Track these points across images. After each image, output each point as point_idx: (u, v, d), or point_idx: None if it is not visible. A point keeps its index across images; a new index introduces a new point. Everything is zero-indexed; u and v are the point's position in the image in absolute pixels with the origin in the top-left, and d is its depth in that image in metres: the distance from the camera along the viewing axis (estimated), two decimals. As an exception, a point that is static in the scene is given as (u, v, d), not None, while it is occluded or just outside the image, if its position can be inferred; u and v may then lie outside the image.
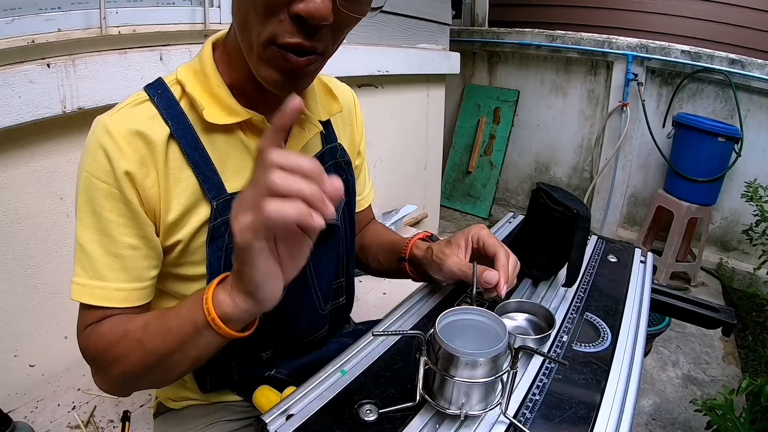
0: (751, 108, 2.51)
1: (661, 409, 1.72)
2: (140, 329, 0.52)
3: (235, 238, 0.41)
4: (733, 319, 0.85)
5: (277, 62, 0.49)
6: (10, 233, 1.09)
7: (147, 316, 0.54)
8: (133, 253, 0.55)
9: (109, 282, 0.55)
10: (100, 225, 0.54)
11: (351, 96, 0.78)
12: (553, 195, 0.76)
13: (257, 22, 0.47)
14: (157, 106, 0.56)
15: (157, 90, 0.57)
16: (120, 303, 0.55)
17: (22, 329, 1.15)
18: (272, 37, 0.47)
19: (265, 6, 0.45)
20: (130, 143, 0.53)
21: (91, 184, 0.53)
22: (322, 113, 0.67)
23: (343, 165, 0.72)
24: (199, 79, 0.57)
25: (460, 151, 3.56)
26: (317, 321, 0.73)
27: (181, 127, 0.56)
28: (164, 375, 0.54)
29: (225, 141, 0.59)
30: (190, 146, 0.56)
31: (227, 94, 0.57)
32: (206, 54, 0.58)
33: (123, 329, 0.53)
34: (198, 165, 0.56)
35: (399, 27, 2.19)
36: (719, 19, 2.68)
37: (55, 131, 1.11)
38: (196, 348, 0.49)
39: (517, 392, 0.53)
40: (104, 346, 0.53)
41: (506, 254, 0.67)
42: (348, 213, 0.74)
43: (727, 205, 2.68)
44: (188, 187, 0.57)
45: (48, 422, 1.10)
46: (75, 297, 0.55)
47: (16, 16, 1.00)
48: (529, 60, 3.22)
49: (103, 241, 0.54)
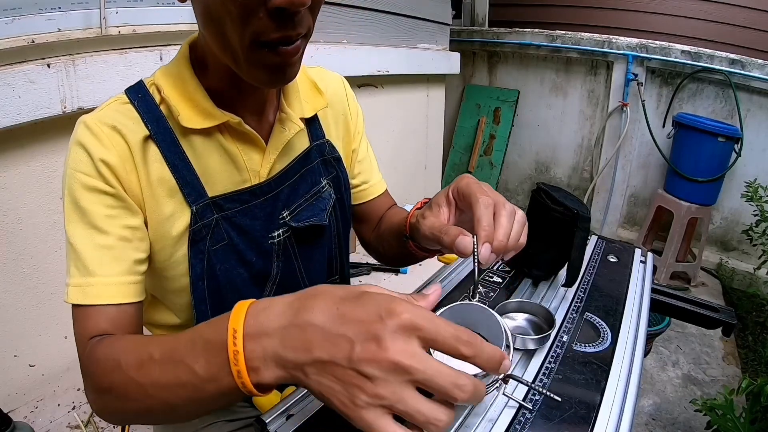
0: (751, 108, 2.51)
1: (661, 409, 1.72)
2: (135, 366, 0.43)
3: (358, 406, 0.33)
4: (733, 319, 0.85)
5: (268, 60, 0.48)
6: (10, 233, 1.09)
7: (141, 351, 0.44)
8: (122, 243, 0.53)
9: (99, 277, 0.52)
10: (86, 219, 0.53)
11: (341, 84, 0.76)
12: (553, 195, 0.76)
13: (236, 26, 0.45)
14: (138, 110, 0.55)
15: (137, 93, 0.57)
16: (112, 299, 0.52)
17: (22, 329, 1.15)
18: (256, 37, 0.46)
19: (241, 8, 0.44)
20: (110, 137, 0.53)
21: (74, 179, 0.53)
22: (306, 110, 0.66)
23: (332, 162, 0.70)
24: (175, 82, 0.56)
25: (460, 151, 3.56)
26: None
27: (161, 131, 0.55)
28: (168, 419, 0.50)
29: (204, 144, 0.58)
30: (170, 150, 0.56)
31: (204, 97, 0.56)
32: (182, 56, 0.57)
33: (115, 360, 0.45)
34: (177, 169, 0.56)
35: (399, 27, 2.19)
36: (719, 19, 2.68)
37: (55, 131, 1.11)
38: (216, 403, 0.41)
39: (518, 392, 0.53)
40: (101, 372, 0.46)
41: (488, 204, 0.51)
42: (340, 209, 0.72)
43: (727, 205, 2.68)
44: (169, 191, 0.57)
45: (48, 422, 1.10)
46: (68, 299, 0.53)
47: (16, 16, 1.00)
48: (529, 60, 3.22)
49: (90, 235, 0.53)
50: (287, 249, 0.65)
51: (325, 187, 0.69)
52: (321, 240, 0.69)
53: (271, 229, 0.63)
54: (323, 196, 0.68)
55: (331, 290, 0.38)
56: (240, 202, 0.60)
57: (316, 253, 0.69)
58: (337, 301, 0.36)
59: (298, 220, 0.65)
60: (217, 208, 0.59)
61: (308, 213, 0.66)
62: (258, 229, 0.62)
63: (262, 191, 0.62)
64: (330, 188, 0.70)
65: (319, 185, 0.68)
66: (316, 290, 0.38)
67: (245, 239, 0.62)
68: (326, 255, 0.72)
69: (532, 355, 0.60)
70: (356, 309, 0.35)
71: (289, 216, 0.64)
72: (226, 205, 0.59)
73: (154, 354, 0.42)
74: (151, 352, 0.42)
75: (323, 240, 0.70)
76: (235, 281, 0.62)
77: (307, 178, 0.67)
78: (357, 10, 1.96)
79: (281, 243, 0.64)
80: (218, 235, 0.59)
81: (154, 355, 0.42)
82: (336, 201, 0.71)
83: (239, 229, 0.61)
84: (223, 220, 0.59)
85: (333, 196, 0.70)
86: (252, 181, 0.61)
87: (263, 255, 0.64)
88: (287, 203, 0.64)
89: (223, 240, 0.60)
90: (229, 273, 0.61)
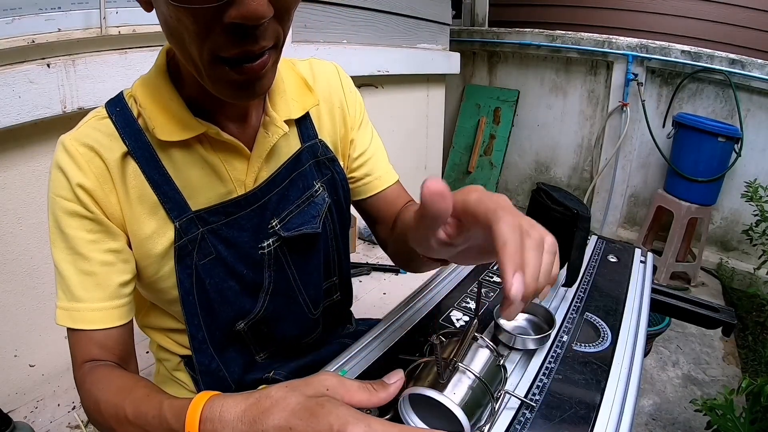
0: (751, 108, 2.51)
1: (661, 409, 1.72)
2: (111, 417, 0.48)
3: None
4: (733, 319, 0.85)
5: (230, 77, 0.45)
6: (10, 233, 1.09)
7: (118, 404, 0.47)
8: (105, 269, 0.54)
9: (85, 303, 0.53)
10: (68, 244, 0.53)
11: (335, 73, 0.71)
12: (553, 195, 0.76)
13: (193, 41, 0.42)
14: (116, 124, 0.54)
15: (116, 107, 0.55)
16: (98, 324, 0.53)
17: (22, 329, 1.15)
18: (215, 53, 0.43)
19: (196, 24, 0.41)
20: (87, 159, 0.52)
21: (56, 204, 0.53)
22: (294, 110, 0.62)
23: (327, 162, 0.67)
24: (152, 92, 0.54)
25: (460, 151, 3.56)
26: (308, 326, 0.71)
27: (139, 146, 0.54)
28: None
29: (183, 157, 0.55)
30: (149, 165, 0.54)
31: (180, 106, 0.53)
32: (158, 65, 0.55)
33: (96, 403, 0.50)
34: (158, 185, 0.55)
35: (399, 27, 2.19)
36: (719, 19, 2.68)
37: (55, 131, 1.11)
38: None
39: (518, 392, 0.53)
40: (86, 404, 0.52)
41: (513, 226, 0.37)
42: (337, 212, 0.69)
43: (727, 205, 2.68)
44: (150, 208, 0.55)
45: (48, 422, 1.10)
46: (58, 321, 0.54)
47: (16, 16, 1.00)
48: (529, 60, 3.22)
49: (74, 260, 0.53)
50: (279, 258, 0.63)
51: (319, 191, 0.66)
52: (315, 246, 0.67)
53: (261, 239, 0.61)
54: (316, 201, 0.65)
55: (284, 401, 0.38)
56: (225, 214, 0.58)
57: (310, 259, 0.67)
58: (289, 415, 0.37)
59: (288, 228, 0.62)
60: (201, 222, 0.57)
61: (299, 220, 0.64)
62: (246, 240, 0.60)
63: (248, 202, 0.59)
64: (324, 191, 0.67)
65: (312, 189, 0.65)
66: (270, 398, 0.39)
67: (233, 252, 0.60)
68: (322, 259, 0.69)
69: (532, 355, 0.60)
70: (309, 426, 0.36)
71: (279, 224, 0.62)
72: (210, 218, 0.57)
73: (128, 413, 0.46)
74: (126, 411, 0.46)
75: (317, 245, 0.67)
76: (226, 294, 0.61)
77: (297, 183, 0.64)
78: (357, 10, 1.96)
79: (272, 253, 0.62)
80: (205, 249, 0.57)
81: (128, 414, 0.46)
82: (332, 203, 0.68)
83: (226, 241, 0.59)
84: (209, 233, 0.58)
85: (327, 199, 0.67)
86: (237, 192, 0.59)
87: (254, 266, 0.62)
88: (276, 211, 0.62)
89: (211, 254, 0.58)
90: (219, 286, 0.60)
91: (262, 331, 0.66)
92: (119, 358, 0.56)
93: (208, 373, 0.63)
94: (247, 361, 0.69)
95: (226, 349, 0.65)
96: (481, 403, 0.45)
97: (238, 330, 0.64)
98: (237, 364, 0.67)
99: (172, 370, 0.72)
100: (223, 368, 0.65)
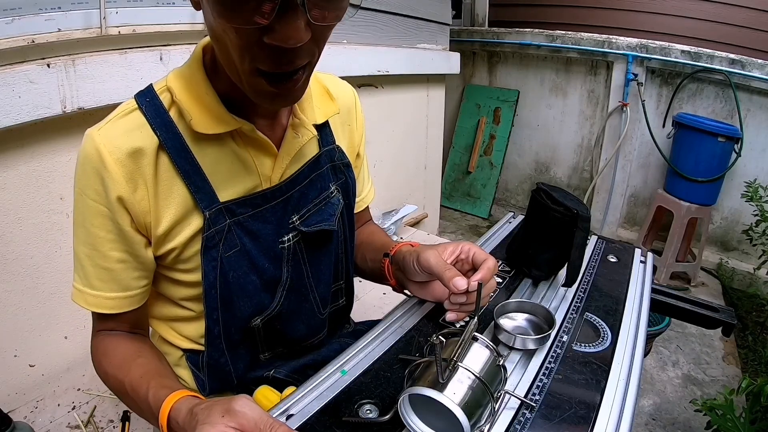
0: (751, 108, 2.51)
1: (661, 409, 1.72)
2: (115, 387, 0.59)
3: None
4: (733, 319, 0.85)
5: (267, 88, 0.49)
6: (10, 233, 1.09)
7: (120, 377, 0.57)
8: (121, 266, 0.57)
9: (99, 291, 0.58)
10: (89, 240, 0.56)
11: (352, 95, 0.77)
12: (552, 195, 0.76)
13: (236, 50, 0.46)
14: (146, 116, 0.55)
15: (146, 98, 0.56)
16: (111, 310, 0.59)
17: (22, 329, 1.15)
18: (255, 67, 0.47)
19: (237, 38, 0.44)
20: (119, 161, 0.53)
21: (83, 201, 0.55)
22: (318, 116, 0.66)
23: (342, 167, 0.71)
24: (188, 86, 0.56)
25: (460, 151, 3.56)
26: (316, 325, 0.72)
27: (170, 137, 0.55)
28: None
29: (215, 150, 0.58)
30: (180, 156, 0.55)
31: (216, 102, 0.55)
32: (195, 59, 0.57)
33: (104, 373, 0.60)
34: (189, 175, 0.56)
35: (399, 27, 2.19)
36: (719, 19, 2.68)
37: (55, 131, 1.11)
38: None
39: (518, 392, 0.53)
40: (97, 368, 0.61)
41: (495, 264, 0.66)
42: (347, 216, 0.73)
43: (727, 205, 2.68)
44: (180, 198, 0.56)
45: (48, 422, 1.10)
46: (74, 299, 0.59)
47: (16, 16, 1.00)
48: (529, 60, 3.22)
49: (92, 255, 0.57)
50: (296, 254, 0.66)
51: (334, 193, 0.69)
52: (329, 245, 0.69)
53: (282, 233, 0.64)
54: (332, 202, 0.69)
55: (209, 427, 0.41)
56: (252, 206, 0.60)
57: (323, 257, 0.69)
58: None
59: (307, 224, 0.65)
60: (229, 213, 0.59)
61: (317, 218, 0.66)
62: (269, 233, 0.63)
63: (273, 195, 0.62)
64: (338, 194, 0.70)
65: (328, 191, 0.68)
66: (207, 418, 0.42)
67: (257, 245, 0.62)
68: (333, 260, 0.72)
69: (532, 355, 0.60)
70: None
71: (299, 221, 0.65)
72: (238, 209, 0.59)
73: (126, 387, 0.55)
74: (125, 385, 0.56)
75: (331, 245, 0.70)
76: (247, 288, 0.62)
77: (316, 184, 0.67)
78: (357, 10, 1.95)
79: (291, 248, 0.64)
80: (231, 241, 0.59)
81: (126, 387, 0.55)
82: (344, 207, 0.71)
83: (251, 234, 0.61)
84: (236, 225, 0.59)
85: (341, 201, 0.70)
86: (263, 186, 0.61)
87: (274, 260, 0.64)
88: (297, 207, 0.65)
89: (236, 246, 0.60)
90: (241, 279, 0.62)
91: (275, 328, 0.68)
92: (132, 327, 0.63)
93: (216, 366, 0.66)
94: (252, 359, 0.70)
95: (238, 346, 0.67)
96: (480, 403, 0.45)
97: (253, 327, 0.66)
98: (244, 361, 0.69)
99: (173, 366, 0.72)
100: (230, 364, 0.67)
